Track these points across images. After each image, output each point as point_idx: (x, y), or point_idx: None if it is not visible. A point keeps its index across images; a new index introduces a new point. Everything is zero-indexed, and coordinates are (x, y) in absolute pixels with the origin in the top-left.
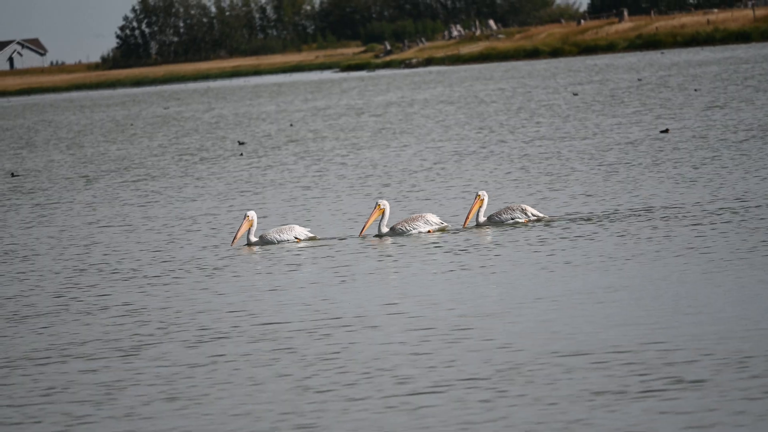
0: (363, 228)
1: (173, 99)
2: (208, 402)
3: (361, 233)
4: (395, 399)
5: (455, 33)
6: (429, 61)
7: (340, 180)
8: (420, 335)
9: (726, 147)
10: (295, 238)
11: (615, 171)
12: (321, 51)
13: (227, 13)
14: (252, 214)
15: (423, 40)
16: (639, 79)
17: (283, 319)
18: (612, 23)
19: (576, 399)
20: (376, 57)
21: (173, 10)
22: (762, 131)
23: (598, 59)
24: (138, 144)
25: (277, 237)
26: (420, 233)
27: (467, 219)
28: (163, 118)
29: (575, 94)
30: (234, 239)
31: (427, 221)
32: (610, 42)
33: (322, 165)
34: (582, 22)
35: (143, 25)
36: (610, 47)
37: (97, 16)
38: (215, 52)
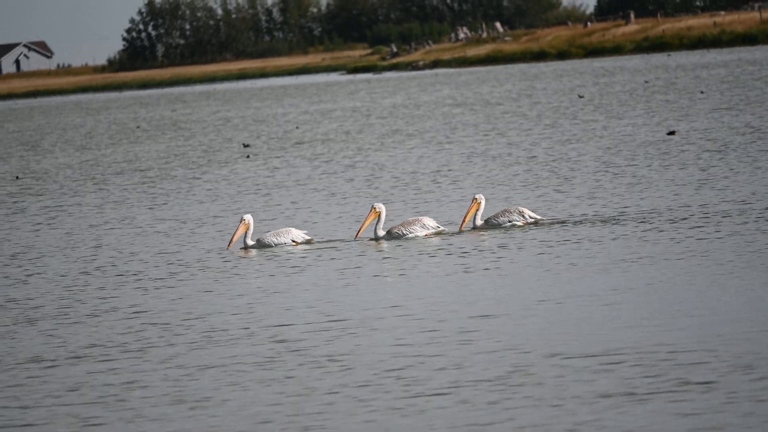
0: (358, 231)
1: (179, 102)
2: (215, 404)
3: (356, 236)
4: (402, 401)
5: (462, 35)
6: (436, 64)
7: (346, 183)
8: (426, 337)
9: (733, 149)
10: (293, 241)
11: (621, 173)
12: (327, 53)
13: (233, 16)
14: (248, 217)
15: (430, 42)
16: (645, 81)
17: (289, 321)
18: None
19: (583, 401)
20: (382, 59)
21: (179, 12)
22: None
23: (604, 62)
24: (145, 146)
25: (275, 240)
26: (417, 237)
27: (463, 222)
28: (170, 120)
29: (581, 96)
30: (230, 242)
31: (424, 225)
32: (616, 44)
33: (327, 167)
34: (588, 24)
35: (149, 28)
36: (616, 49)
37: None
38: (221, 54)
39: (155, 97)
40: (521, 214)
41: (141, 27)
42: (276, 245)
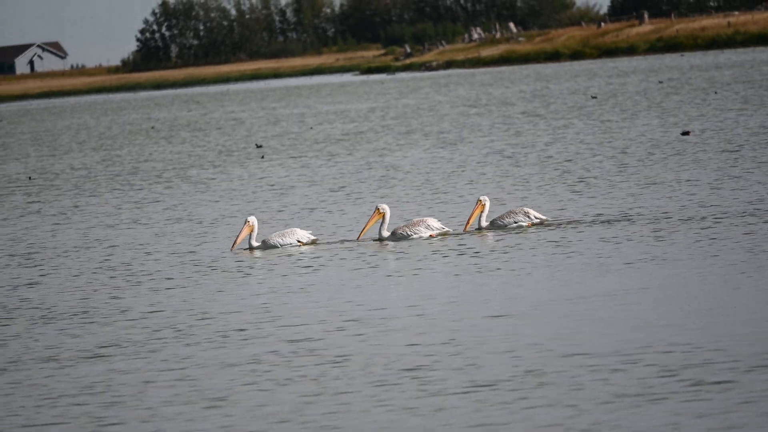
0: (361, 232)
1: (193, 102)
2: (230, 403)
3: (359, 237)
4: (417, 400)
5: (475, 36)
6: (449, 64)
7: (359, 183)
8: (442, 337)
9: (747, 149)
10: (298, 241)
11: (635, 173)
12: (341, 54)
13: (247, 16)
14: (252, 219)
15: (443, 42)
16: (660, 82)
17: (304, 321)
18: (632, 26)
19: (598, 401)
20: (396, 60)
21: (193, 13)
22: None
23: (618, 62)
24: (159, 147)
25: (280, 241)
26: (421, 238)
27: (468, 223)
28: (184, 121)
29: (594, 96)
30: (234, 244)
31: (429, 226)
32: (630, 45)
33: (340, 168)
34: (602, 24)
35: (163, 29)
36: (630, 50)
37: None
38: (235, 55)
39: (169, 98)
40: (526, 215)
41: (155, 27)
42: (281, 246)
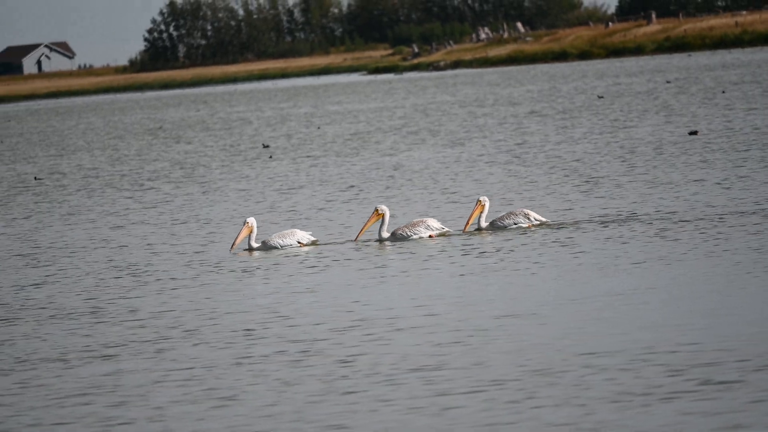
0: (359, 233)
1: (201, 102)
2: (238, 403)
3: (357, 238)
4: (424, 400)
5: (483, 36)
6: (457, 64)
7: (366, 183)
8: (449, 336)
9: (755, 149)
10: (298, 242)
11: (643, 173)
12: (349, 54)
13: (255, 16)
14: (251, 220)
15: (451, 42)
16: (668, 82)
17: (311, 321)
18: (640, 26)
19: (606, 400)
20: (403, 60)
21: (201, 13)
22: None
23: (626, 62)
24: (167, 147)
25: (280, 242)
26: (421, 238)
27: (467, 224)
28: (192, 120)
29: (601, 96)
30: (233, 245)
31: (429, 226)
32: (638, 44)
33: (348, 168)
34: (610, 24)
35: (171, 28)
36: (638, 50)
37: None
38: (243, 55)
39: (177, 98)
40: (526, 216)
41: (162, 27)
42: (282, 247)
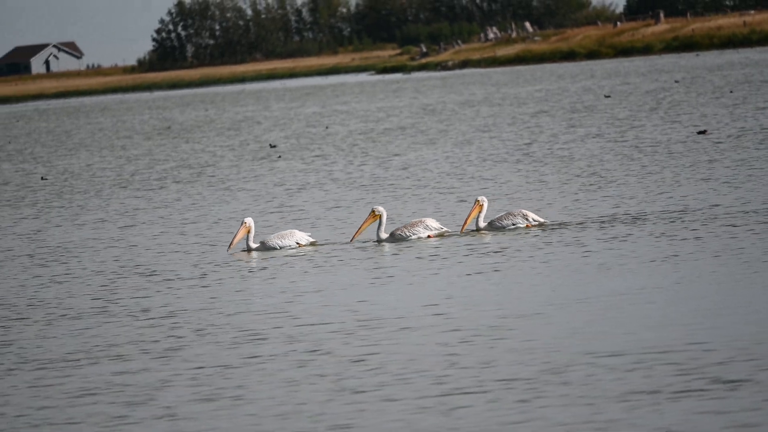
0: (355, 234)
1: (208, 102)
2: (245, 402)
3: (352, 239)
4: (432, 400)
5: (491, 35)
6: (465, 64)
7: (374, 182)
8: (456, 336)
9: (763, 148)
10: (297, 243)
11: (651, 172)
12: (357, 53)
13: (263, 16)
14: (249, 220)
15: (459, 42)
16: (676, 81)
17: (319, 321)
18: (648, 25)
19: (614, 399)
20: (412, 59)
21: (209, 13)
22: None
23: (634, 61)
24: (175, 146)
25: (279, 243)
26: (420, 238)
27: (464, 224)
28: (200, 120)
29: (607, 96)
30: (230, 244)
31: (427, 226)
32: (646, 44)
33: (355, 168)
34: (618, 24)
35: (179, 28)
36: (646, 49)
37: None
38: (251, 54)
39: (185, 98)
40: (525, 217)
41: (171, 27)
42: (280, 247)
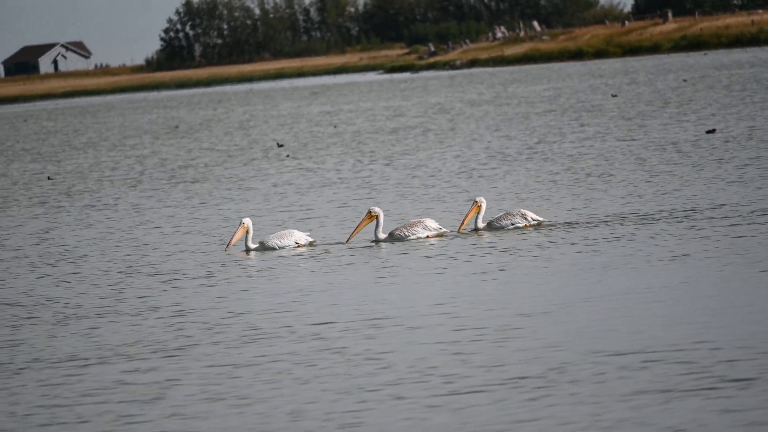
0: (351, 234)
1: (216, 101)
2: (254, 401)
3: (348, 240)
4: (440, 398)
5: (499, 34)
6: (473, 63)
7: (383, 181)
8: (464, 335)
9: None
10: (296, 243)
11: (660, 172)
12: (365, 53)
13: (271, 15)
14: (247, 221)
15: (467, 41)
16: (684, 80)
17: (327, 320)
18: (656, 24)
19: (623, 398)
20: (420, 59)
21: (217, 12)
22: None
23: (642, 60)
24: (183, 145)
25: (278, 243)
26: (419, 239)
27: (462, 224)
28: (208, 119)
29: (614, 95)
30: (228, 244)
31: (426, 226)
32: (654, 43)
33: (364, 167)
34: (626, 23)
35: (187, 28)
36: (654, 48)
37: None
38: (259, 54)
39: (193, 97)
40: (524, 216)
41: (179, 27)
42: (279, 248)
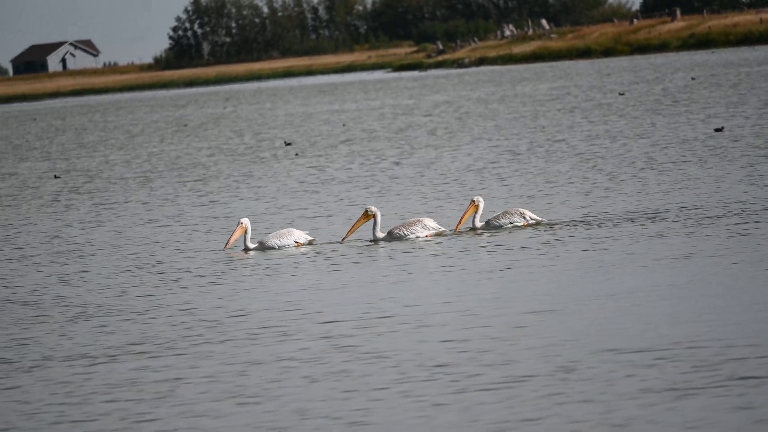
0: (347, 233)
1: (224, 99)
2: (263, 399)
3: (344, 239)
4: (449, 396)
5: (507, 33)
6: (481, 61)
7: (391, 181)
8: (474, 333)
9: None
10: (295, 242)
11: (668, 170)
12: (373, 51)
13: (279, 14)
14: (245, 221)
15: (475, 39)
16: (692, 78)
17: (336, 318)
18: (665, 22)
19: (633, 396)
20: (428, 57)
21: (225, 10)
22: None
23: (650, 59)
24: (192, 144)
25: (277, 242)
26: (418, 238)
27: (459, 224)
28: (216, 117)
29: (622, 93)
30: (226, 244)
31: (425, 226)
32: (662, 41)
33: (373, 166)
34: (634, 21)
35: (196, 26)
36: (662, 46)
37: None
38: (267, 52)
39: (201, 95)
40: (522, 215)
41: (187, 25)
42: (279, 247)
